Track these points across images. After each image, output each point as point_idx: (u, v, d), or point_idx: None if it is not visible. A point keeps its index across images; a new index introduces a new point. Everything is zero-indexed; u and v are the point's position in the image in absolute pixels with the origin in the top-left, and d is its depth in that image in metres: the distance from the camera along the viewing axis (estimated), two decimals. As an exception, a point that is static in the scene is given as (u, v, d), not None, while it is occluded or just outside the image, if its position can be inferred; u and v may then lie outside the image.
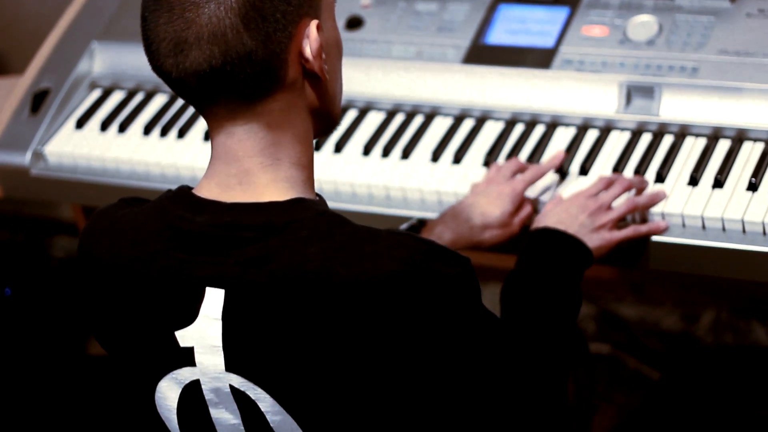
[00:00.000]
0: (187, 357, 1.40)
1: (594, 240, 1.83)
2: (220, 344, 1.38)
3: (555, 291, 1.70)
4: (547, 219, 1.85)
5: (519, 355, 1.49)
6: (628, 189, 1.93)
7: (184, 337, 1.40)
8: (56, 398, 3.02)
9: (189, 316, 1.39)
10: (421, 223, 1.98)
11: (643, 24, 2.18)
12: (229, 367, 1.39)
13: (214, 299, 1.38)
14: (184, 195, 1.44)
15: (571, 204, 1.87)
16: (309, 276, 1.34)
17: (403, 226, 1.98)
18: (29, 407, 3.00)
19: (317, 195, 1.46)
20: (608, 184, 1.93)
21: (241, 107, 1.40)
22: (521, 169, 2.00)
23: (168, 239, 1.41)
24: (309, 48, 1.40)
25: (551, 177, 2.04)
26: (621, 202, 1.91)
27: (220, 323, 1.38)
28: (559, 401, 1.55)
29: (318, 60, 1.41)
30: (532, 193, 2.01)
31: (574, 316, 1.70)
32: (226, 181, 1.42)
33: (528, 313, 1.66)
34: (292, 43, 1.39)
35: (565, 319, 1.68)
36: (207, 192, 1.43)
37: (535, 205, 2.00)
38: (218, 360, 1.39)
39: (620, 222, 1.91)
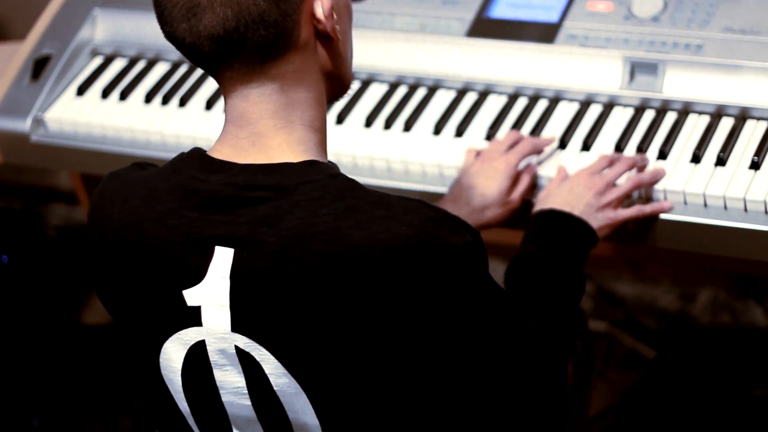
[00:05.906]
0: (193, 317, 1.40)
1: (600, 219, 1.83)
2: (227, 303, 1.38)
3: (560, 275, 1.69)
4: (552, 199, 1.84)
5: (522, 333, 1.49)
6: (631, 167, 1.93)
7: (191, 296, 1.40)
8: (50, 366, 3.02)
9: (198, 275, 1.39)
10: None
11: (648, 0, 2.17)
12: (235, 327, 1.39)
13: (223, 258, 1.37)
14: (197, 156, 1.44)
15: (576, 182, 1.87)
16: (318, 237, 1.34)
17: None
18: (23, 375, 3.00)
19: (329, 161, 1.46)
20: (611, 162, 1.92)
21: (255, 69, 1.41)
22: (518, 141, 1.99)
23: (180, 198, 1.41)
24: (321, 8, 1.41)
25: (551, 149, 2.04)
26: (624, 180, 1.91)
27: (228, 282, 1.38)
28: (560, 385, 1.54)
29: (330, 20, 1.42)
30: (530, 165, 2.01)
31: (578, 299, 1.70)
32: (239, 143, 1.43)
33: (533, 296, 1.65)
34: (303, 4, 1.40)
35: (569, 302, 1.67)
36: (220, 154, 1.43)
37: (534, 179, 2.00)
38: (225, 320, 1.39)
39: (624, 201, 1.91)
